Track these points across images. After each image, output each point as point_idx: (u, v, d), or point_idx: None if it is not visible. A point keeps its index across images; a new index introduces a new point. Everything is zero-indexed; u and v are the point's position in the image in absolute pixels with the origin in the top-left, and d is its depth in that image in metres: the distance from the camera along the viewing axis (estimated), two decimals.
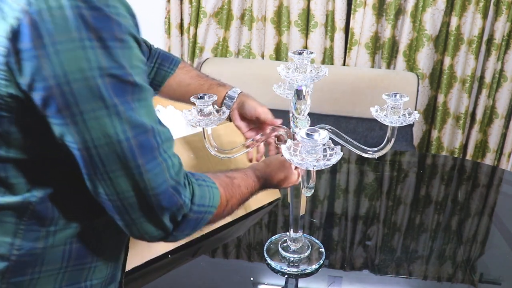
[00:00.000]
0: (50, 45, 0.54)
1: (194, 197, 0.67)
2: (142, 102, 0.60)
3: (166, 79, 1.10)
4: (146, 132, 0.60)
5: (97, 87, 0.55)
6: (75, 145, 0.58)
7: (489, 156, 2.58)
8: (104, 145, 0.57)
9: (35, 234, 0.66)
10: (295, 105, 0.95)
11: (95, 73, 0.55)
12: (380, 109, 0.94)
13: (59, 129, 0.58)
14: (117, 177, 0.59)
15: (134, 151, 0.59)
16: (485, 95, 2.45)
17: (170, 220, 0.65)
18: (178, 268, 1.07)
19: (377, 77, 2.34)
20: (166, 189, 0.62)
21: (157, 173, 0.61)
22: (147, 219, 0.63)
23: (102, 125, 0.56)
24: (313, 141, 0.77)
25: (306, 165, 0.78)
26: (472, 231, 1.24)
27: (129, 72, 0.58)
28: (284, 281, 1.02)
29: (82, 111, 0.56)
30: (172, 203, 0.63)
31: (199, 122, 0.97)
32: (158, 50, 1.12)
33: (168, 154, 0.63)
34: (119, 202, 0.61)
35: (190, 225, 0.68)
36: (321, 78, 0.89)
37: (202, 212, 0.69)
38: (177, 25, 2.56)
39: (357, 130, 2.35)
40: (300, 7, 2.42)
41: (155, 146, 0.61)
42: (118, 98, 0.57)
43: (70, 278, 0.70)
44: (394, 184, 1.51)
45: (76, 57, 0.54)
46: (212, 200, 0.71)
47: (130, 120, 0.58)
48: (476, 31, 2.33)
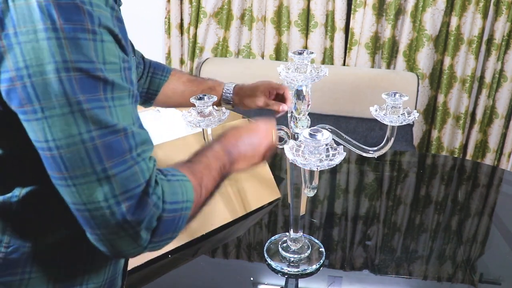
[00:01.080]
0: (13, 36, 0.51)
1: (164, 195, 0.60)
2: (115, 101, 0.55)
3: (161, 86, 1.12)
4: (116, 132, 0.55)
5: (60, 81, 0.51)
6: (39, 144, 0.54)
7: (489, 156, 2.58)
8: (65, 146, 0.53)
9: (24, 232, 0.64)
10: (295, 105, 0.95)
11: (59, 66, 0.51)
12: (379, 109, 0.94)
13: (26, 125, 0.54)
14: (82, 183, 0.54)
15: (99, 153, 0.53)
16: (485, 95, 2.45)
17: (145, 229, 0.58)
18: (178, 268, 1.07)
19: (377, 77, 2.34)
20: (137, 194, 0.56)
21: (127, 177, 0.55)
22: (119, 235, 0.56)
23: (64, 124, 0.52)
24: (316, 141, 0.77)
25: (310, 165, 0.78)
26: (472, 231, 1.24)
27: (99, 67, 0.53)
28: (284, 281, 1.02)
29: (43, 107, 0.52)
30: (143, 209, 0.57)
31: (199, 123, 0.97)
32: (149, 60, 1.13)
33: (142, 157, 0.58)
34: (87, 213, 0.55)
35: (167, 227, 0.61)
36: (321, 78, 0.89)
37: (178, 210, 0.62)
38: (177, 25, 2.56)
39: (357, 130, 2.35)
40: (300, 7, 2.42)
41: (126, 148, 0.55)
42: (85, 94, 0.52)
43: (64, 281, 0.68)
44: (394, 184, 1.51)
45: (39, 49, 0.51)
46: (186, 195, 0.64)
47: (96, 119, 0.53)
48: (476, 31, 2.33)
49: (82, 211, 0.56)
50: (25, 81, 0.51)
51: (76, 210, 0.56)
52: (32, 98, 0.52)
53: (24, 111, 0.53)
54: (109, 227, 0.56)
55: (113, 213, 0.55)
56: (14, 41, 0.51)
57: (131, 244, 0.58)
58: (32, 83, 0.51)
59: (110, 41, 0.55)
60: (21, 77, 0.51)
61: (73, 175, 0.54)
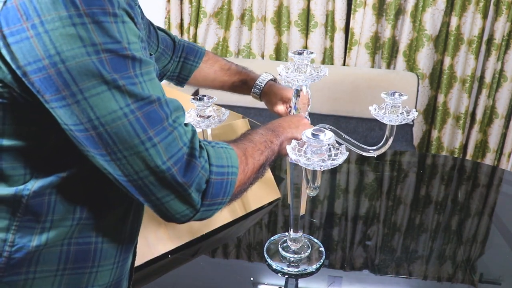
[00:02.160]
0: (40, 25, 0.52)
1: (210, 158, 0.65)
2: (145, 76, 0.59)
3: (192, 72, 1.11)
4: (152, 103, 0.58)
5: (93, 63, 0.54)
6: (82, 126, 0.56)
7: (489, 156, 2.58)
8: (110, 122, 0.56)
9: (29, 230, 0.64)
10: (295, 105, 0.95)
11: (89, 49, 0.53)
12: (378, 108, 0.94)
13: (62, 112, 0.56)
14: (132, 154, 0.57)
15: (142, 123, 0.57)
16: (485, 95, 2.45)
17: (196, 190, 0.62)
18: (178, 268, 1.06)
19: (377, 77, 2.34)
20: (182, 157, 0.60)
21: (169, 142, 0.59)
22: (173, 197, 0.61)
23: (104, 101, 0.55)
24: (319, 141, 0.77)
25: (313, 165, 0.78)
26: (472, 231, 1.24)
27: (125, 46, 0.56)
28: (284, 281, 1.02)
29: (81, 89, 0.54)
30: (192, 170, 0.61)
31: (199, 124, 0.97)
32: (183, 42, 1.11)
33: (178, 123, 0.62)
34: (140, 182, 0.59)
35: (217, 190, 0.65)
36: (321, 78, 0.89)
37: (225, 174, 0.66)
38: (177, 25, 2.56)
39: (357, 130, 2.35)
40: (300, 7, 2.42)
41: (163, 116, 0.59)
42: (117, 73, 0.55)
43: (69, 282, 0.68)
44: (394, 184, 1.51)
45: (68, 35, 0.52)
46: (230, 160, 0.68)
47: (132, 93, 0.57)
48: (476, 31, 2.33)
49: (135, 181, 0.59)
50: (59, 66, 0.53)
51: (129, 181, 0.59)
52: (69, 82, 0.54)
53: (63, 97, 0.55)
54: (162, 191, 0.60)
55: (165, 177, 0.59)
56: (41, 30, 0.52)
57: (185, 205, 0.62)
58: (67, 67, 0.53)
59: (130, 21, 0.58)
60: (54, 63, 0.53)
61: (121, 147, 0.57)
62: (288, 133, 0.86)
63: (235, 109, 1.34)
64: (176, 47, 1.09)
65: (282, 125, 0.86)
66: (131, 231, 0.76)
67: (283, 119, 0.90)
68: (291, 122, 0.88)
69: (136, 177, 0.59)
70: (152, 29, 1.01)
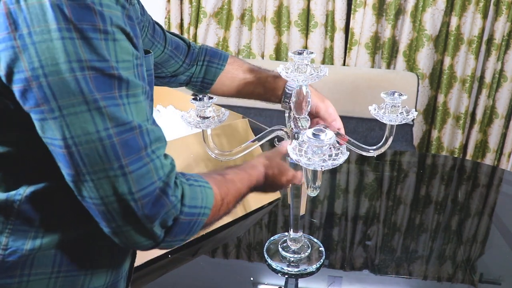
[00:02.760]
0: (27, 36, 0.51)
1: (184, 198, 0.62)
2: (130, 98, 0.56)
3: (217, 75, 1.06)
4: (132, 130, 0.56)
5: (76, 80, 0.52)
6: (56, 142, 0.55)
7: (489, 156, 2.58)
8: (84, 143, 0.54)
9: (23, 234, 0.64)
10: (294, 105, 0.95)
11: (74, 65, 0.52)
12: (378, 108, 0.94)
13: (40, 124, 0.55)
14: (100, 178, 0.55)
15: (117, 150, 0.55)
16: (485, 95, 2.45)
17: (160, 226, 0.60)
18: (178, 268, 1.06)
19: (377, 77, 2.34)
20: (153, 191, 0.58)
21: (142, 174, 0.57)
22: (135, 227, 0.58)
23: (82, 121, 0.53)
24: (319, 141, 0.77)
25: (314, 165, 0.78)
26: (472, 231, 1.24)
27: (113, 66, 0.54)
28: (284, 281, 1.02)
29: (60, 106, 0.53)
30: (160, 207, 0.59)
31: (199, 125, 0.97)
32: (205, 46, 1.07)
33: (156, 155, 0.59)
34: (103, 207, 0.57)
35: (182, 229, 0.63)
36: (321, 78, 0.89)
37: (195, 214, 0.64)
38: (177, 25, 2.56)
39: (357, 130, 2.35)
40: (300, 7, 2.42)
41: (141, 145, 0.57)
42: (100, 92, 0.53)
43: (64, 285, 0.68)
44: (394, 184, 1.51)
45: (54, 49, 0.51)
46: (205, 201, 0.66)
47: (113, 117, 0.54)
48: (476, 31, 2.33)
49: (99, 205, 0.57)
50: (41, 80, 0.52)
51: (93, 204, 0.57)
52: (48, 97, 0.53)
53: (41, 111, 0.54)
54: (124, 220, 0.58)
55: (129, 208, 0.57)
56: (28, 41, 0.52)
57: (145, 238, 0.60)
58: (48, 82, 0.52)
59: (123, 39, 0.56)
60: (36, 77, 0.52)
61: (91, 170, 0.55)
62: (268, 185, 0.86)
63: (235, 109, 1.34)
64: (197, 51, 1.05)
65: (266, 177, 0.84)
66: None
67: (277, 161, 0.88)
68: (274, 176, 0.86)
69: (100, 202, 0.57)
70: (158, 29, 0.98)
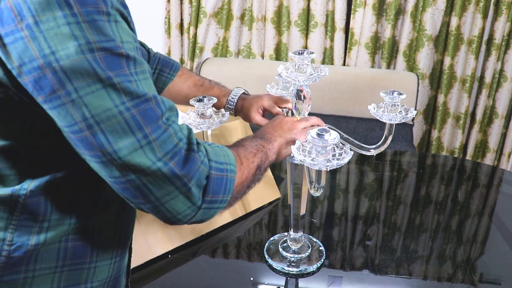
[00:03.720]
0: (34, 26, 0.52)
1: (208, 153, 0.65)
2: (140, 75, 0.58)
3: (166, 85, 1.11)
4: (148, 101, 0.58)
5: (88, 61, 0.54)
6: (77, 126, 0.55)
7: (489, 156, 2.58)
8: (105, 120, 0.55)
9: (28, 229, 0.65)
10: (295, 105, 0.95)
11: (84, 48, 0.53)
12: (377, 107, 0.94)
13: (57, 113, 0.56)
14: (128, 154, 0.56)
15: (138, 121, 0.57)
16: (485, 95, 2.45)
17: (196, 186, 0.61)
18: (178, 268, 1.07)
19: (377, 77, 2.34)
20: (179, 151, 0.60)
21: (164, 140, 0.59)
22: (174, 194, 0.60)
23: (99, 99, 0.55)
24: (323, 141, 0.77)
25: (319, 165, 0.78)
26: (472, 231, 1.24)
27: (119, 45, 0.56)
28: (284, 281, 1.02)
29: (76, 87, 0.54)
30: (191, 164, 0.61)
31: (200, 125, 0.97)
32: (158, 54, 1.12)
33: (171, 121, 0.61)
34: (138, 181, 0.58)
35: (217, 186, 0.64)
36: (322, 78, 0.89)
37: (224, 170, 0.66)
38: (177, 25, 2.56)
39: (357, 130, 2.35)
40: (300, 7, 2.42)
41: (159, 114, 0.59)
42: (112, 70, 0.55)
43: (68, 279, 0.69)
44: (394, 184, 1.51)
45: (62, 34, 0.53)
46: (228, 157, 0.68)
47: (128, 91, 0.56)
48: (476, 31, 2.33)
49: (133, 181, 0.58)
50: (54, 66, 0.53)
51: (127, 182, 0.58)
52: (64, 81, 0.54)
53: (58, 96, 0.55)
54: (161, 189, 0.59)
55: (163, 173, 0.58)
56: (36, 30, 0.53)
57: (185, 203, 0.61)
58: (61, 66, 0.53)
59: (122, 21, 0.58)
60: (49, 63, 0.53)
61: (116, 148, 0.56)
62: (277, 137, 0.86)
63: None
64: (151, 58, 1.10)
65: (268, 131, 0.87)
66: (126, 226, 0.76)
67: (267, 125, 0.90)
68: (277, 127, 0.88)
69: (133, 177, 0.58)
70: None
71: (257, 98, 1.05)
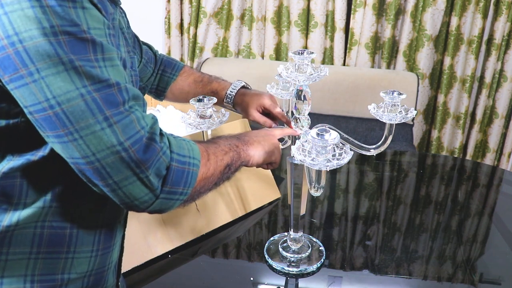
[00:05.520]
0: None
1: (171, 145, 0.66)
2: (106, 62, 0.59)
3: (169, 84, 1.13)
4: (110, 86, 0.59)
5: (50, 44, 0.55)
6: (40, 105, 0.57)
7: (489, 156, 2.58)
8: (66, 102, 0.56)
9: (1, 211, 0.65)
10: (295, 105, 0.95)
11: (47, 31, 0.55)
12: (377, 107, 0.94)
13: (20, 93, 0.57)
14: (88, 134, 0.58)
15: (99, 103, 0.58)
16: (485, 95, 2.45)
17: (155, 174, 0.62)
18: (178, 268, 1.07)
19: (377, 77, 2.34)
20: (140, 139, 0.61)
21: (126, 124, 0.60)
22: (131, 179, 0.61)
23: (60, 81, 0.56)
24: (323, 141, 0.77)
25: (319, 165, 0.78)
26: (472, 231, 1.24)
27: (85, 30, 0.57)
28: (284, 281, 1.02)
29: (38, 68, 0.55)
30: (151, 152, 0.62)
31: (200, 125, 0.97)
32: (162, 56, 1.13)
33: (135, 109, 0.62)
34: (97, 163, 0.59)
35: (177, 178, 0.65)
36: (322, 78, 0.89)
37: (186, 163, 0.67)
38: (177, 25, 2.56)
39: (357, 130, 2.35)
40: (300, 7, 2.42)
41: (119, 101, 0.60)
42: (75, 54, 0.56)
43: (44, 267, 0.68)
44: (394, 184, 1.51)
45: (25, 17, 0.54)
46: (192, 152, 0.69)
47: (90, 75, 0.57)
48: (476, 31, 2.33)
49: (92, 163, 0.59)
50: (17, 46, 0.55)
51: (86, 163, 0.59)
52: (26, 61, 0.55)
53: (21, 76, 0.56)
54: (120, 172, 0.60)
55: (122, 157, 0.60)
56: (0, 12, 0.54)
57: (143, 189, 0.62)
58: (24, 47, 0.55)
59: (92, 8, 0.59)
60: (12, 43, 0.55)
61: (78, 127, 0.57)
62: (255, 142, 0.86)
63: None
64: (157, 59, 1.11)
65: (249, 135, 0.87)
66: (109, 221, 0.75)
67: (252, 131, 0.91)
68: (260, 134, 0.89)
69: (93, 159, 0.59)
70: (136, 41, 1.04)
71: (258, 96, 1.06)
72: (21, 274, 0.67)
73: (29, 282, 0.68)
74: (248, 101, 1.06)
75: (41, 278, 0.68)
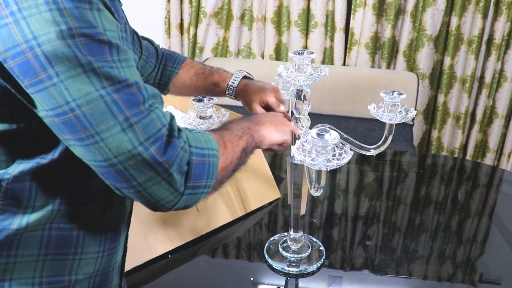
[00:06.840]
0: (18, 12, 0.54)
1: (189, 140, 0.66)
2: (123, 63, 0.60)
3: (171, 78, 1.12)
4: (129, 86, 0.59)
5: (69, 47, 0.55)
6: (60, 109, 0.57)
7: (489, 156, 2.58)
8: (85, 104, 0.56)
9: (11, 214, 0.65)
10: (295, 105, 0.95)
11: (65, 33, 0.55)
12: (377, 107, 0.94)
13: (41, 96, 0.57)
14: (109, 136, 0.58)
15: (119, 104, 0.58)
16: (485, 95, 2.45)
17: (178, 172, 0.62)
18: (178, 268, 1.07)
19: (377, 77, 2.34)
20: (161, 137, 0.61)
21: (147, 123, 0.60)
22: (155, 179, 0.61)
23: (80, 83, 0.56)
24: (323, 141, 0.77)
25: (319, 165, 0.78)
26: (472, 231, 1.24)
27: (101, 32, 0.57)
28: (284, 281, 1.02)
29: (57, 71, 0.55)
30: (172, 150, 0.61)
31: (200, 125, 0.97)
32: (163, 50, 1.13)
33: (155, 107, 0.62)
34: (120, 166, 0.59)
35: (200, 171, 0.65)
36: (322, 78, 0.89)
37: (205, 156, 0.67)
38: (177, 25, 2.56)
39: (357, 130, 2.35)
40: (300, 7, 2.42)
41: (140, 100, 0.60)
42: (93, 56, 0.56)
43: (52, 269, 0.68)
44: (394, 184, 1.51)
45: (44, 20, 0.54)
46: (209, 143, 0.69)
47: (109, 76, 0.57)
48: (476, 31, 2.33)
49: (115, 165, 0.59)
50: (36, 50, 0.55)
51: (109, 165, 0.59)
52: (45, 65, 0.55)
53: (40, 80, 0.56)
54: (143, 173, 0.60)
55: (144, 158, 0.59)
56: (19, 16, 0.54)
57: (167, 189, 0.62)
58: (43, 51, 0.55)
59: (105, 10, 0.59)
60: (31, 47, 0.55)
61: (98, 130, 0.57)
62: (266, 122, 0.86)
63: (235, 109, 1.34)
64: (158, 54, 1.11)
65: (259, 116, 0.88)
66: (115, 221, 0.75)
67: (261, 114, 0.92)
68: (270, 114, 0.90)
69: (115, 161, 0.59)
70: (135, 37, 1.04)
71: (262, 91, 1.04)
72: (29, 276, 0.67)
73: (37, 284, 0.68)
74: (251, 95, 1.05)
75: (48, 280, 0.68)
